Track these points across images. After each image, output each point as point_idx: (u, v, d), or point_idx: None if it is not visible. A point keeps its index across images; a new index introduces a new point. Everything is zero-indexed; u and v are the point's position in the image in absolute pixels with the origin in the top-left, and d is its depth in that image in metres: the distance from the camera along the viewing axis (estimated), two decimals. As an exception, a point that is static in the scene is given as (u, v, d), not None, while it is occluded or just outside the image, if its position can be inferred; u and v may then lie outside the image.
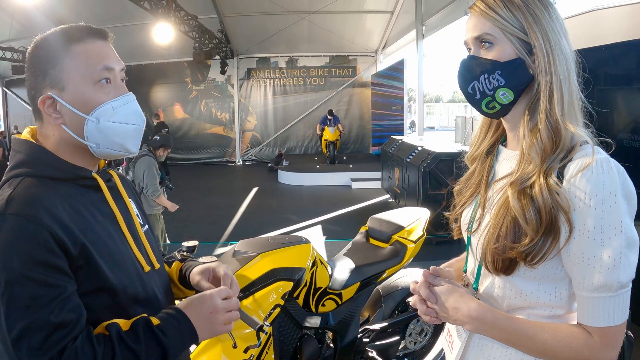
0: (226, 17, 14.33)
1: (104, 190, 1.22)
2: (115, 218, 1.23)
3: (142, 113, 1.26)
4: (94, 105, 1.14)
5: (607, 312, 0.99)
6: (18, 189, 1.07)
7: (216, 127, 17.41)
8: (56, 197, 1.09)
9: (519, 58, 1.09)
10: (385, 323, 3.07)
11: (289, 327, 2.52)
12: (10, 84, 17.40)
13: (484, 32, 1.10)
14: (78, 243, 1.07)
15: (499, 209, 1.12)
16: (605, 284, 0.98)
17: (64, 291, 1.03)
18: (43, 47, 1.15)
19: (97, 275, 1.11)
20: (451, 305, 1.13)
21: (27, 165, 1.13)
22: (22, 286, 0.99)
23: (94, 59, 1.15)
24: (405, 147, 8.16)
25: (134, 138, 1.22)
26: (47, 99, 1.13)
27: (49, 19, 12.55)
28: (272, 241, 2.63)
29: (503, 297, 1.15)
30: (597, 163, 0.98)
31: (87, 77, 1.14)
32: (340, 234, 7.22)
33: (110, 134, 1.17)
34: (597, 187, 0.97)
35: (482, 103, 1.14)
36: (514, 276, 1.10)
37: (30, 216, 1.02)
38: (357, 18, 14.71)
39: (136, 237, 1.28)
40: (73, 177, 1.16)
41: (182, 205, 5.58)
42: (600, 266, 0.98)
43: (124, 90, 1.21)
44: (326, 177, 12.46)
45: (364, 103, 17.17)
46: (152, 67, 16.41)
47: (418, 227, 3.21)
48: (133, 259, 1.23)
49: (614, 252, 0.96)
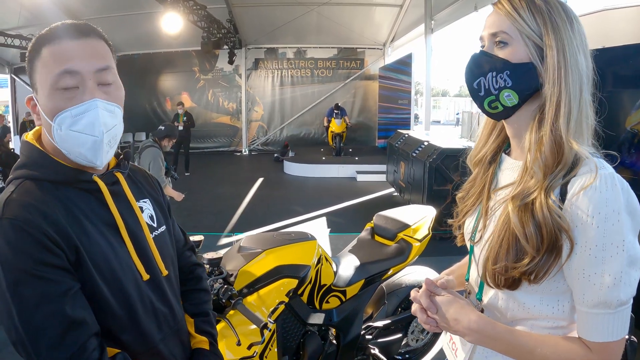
0: (235, 7, 14.26)
1: (105, 195, 1.18)
2: (116, 224, 1.19)
3: (107, 123, 1.12)
4: (55, 112, 1.08)
5: (606, 328, 0.99)
6: (16, 193, 1.07)
7: (223, 116, 17.39)
8: (53, 201, 1.08)
9: (531, 63, 1.07)
10: (388, 320, 3.07)
11: (293, 324, 2.53)
12: (19, 71, 17.39)
13: (501, 29, 1.08)
14: (72, 247, 1.06)
15: (499, 227, 1.11)
16: (605, 301, 0.97)
17: (72, 287, 1.03)
18: (30, 46, 1.14)
19: (89, 281, 1.09)
20: (451, 316, 1.14)
21: (27, 168, 1.13)
22: (29, 285, 0.99)
23: (54, 63, 1.08)
24: (411, 142, 8.15)
25: (95, 150, 1.11)
26: (30, 99, 1.14)
27: (57, 7, 12.54)
28: (278, 237, 2.63)
29: (506, 308, 1.15)
30: (600, 180, 0.97)
31: (47, 81, 1.08)
32: (344, 226, 7.22)
33: (72, 143, 1.10)
34: (600, 205, 0.96)
35: (485, 101, 1.13)
36: (517, 291, 1.10)
37: (25, 220, 1.02)
38: (366, 11, 14.61)
39: (138, 243, 1.23)
40: (72, 181, 1.14)
41: (187, 195, 5.59)
42: (600, 284, 0.97)
43: (89, 96, 1.09)
44: (332, 169, 12.44)
45: (370, 96, 17.09)
46: (160, 56, 16.37)
47: (424, 225, 3.21)
48: (131, 267, 1.19)
49: (615, 270, 0.96)
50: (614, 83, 3.79)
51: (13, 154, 7.22)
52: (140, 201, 1.32)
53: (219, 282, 2.12)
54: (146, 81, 16.51)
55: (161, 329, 1.26)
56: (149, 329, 1.22)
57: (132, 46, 15.12)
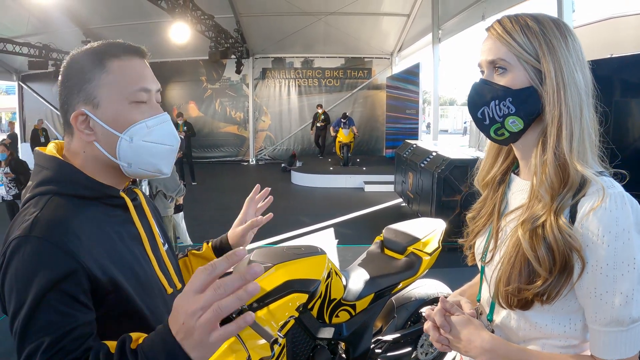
0: (242, 17, 14.36)
1: (130, 210, 1.19)
2: (141, 238, 1.20)
3: (177, 134, 1.22)
4: (128, 124, 1.11)
5: (619, 346, 0.99)
6: (45, 210, 1.03)
7: (230, 126, 17.46)
8: (84, 219, 1.06)
9: (532, 86, 1.07)
10: (397, 334, 3.07)
11: (302, 338, 2.52)
12: (27, 79, 17.57)
13: (499, 57, 1.08)
14: (106, 268, 1.04)
15: (509, 249, 1.11)
16: (617, 319, 0.98)
17: (76, 321, 0.98)
18: (79, 62, 1.11)
19: (126, 300, 1.08)
20: (465, 337, 1.14)
21: (55, 184, 1.09)
22: (40, 311, 0.95)
23: (131, 78, 1.12)
24: (419, 152, 8.13)
25: (167, 159, 1.19)
26: (80, 114, 1.10)
27: (66, 15, 12.66)
28: (288, 251, 2.62)
29: (518, 328, 1.16)
30: (610, 199, 0.97)
31: (123, 95, 1.11)
32: (352, 238, 7.19)
33: (143, 153, 1.14)
34: (610, 224, 0.96)
35: (491, 129, 1.13)
36: (529, 311, 1.10)
37: (56, 242, 0.98)
38: (374, 20, 14.66)
39: (159, 258, 1.25)
40: (101, 196, 1.13)
41: (194, 205, 5.59)
42: (612, 302, 0.98)
43: (158, 110, 1.17)
44: (339, 179, 12.44)
45: (378, 105, 17.11)
46: (168, 65, 16.47)
47: (434, 239, 3.20)
48: (157, 282, 1.20)
49: (626, 288, 0.96)
50: (622, 92, 3.77)
51: (22, 161, 7.26)
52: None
53: (229, 297, 2.11)
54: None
55: None
56: None
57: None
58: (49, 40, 13.99)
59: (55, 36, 13.95)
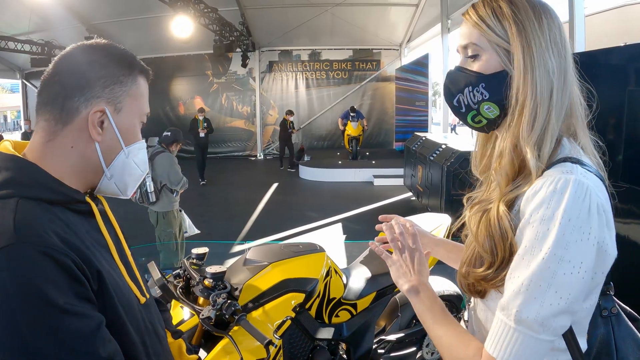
0: (247, 9, 14.29)
1: (97, 217, 1.09)
2: (108, 247, 1.10)
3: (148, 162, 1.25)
4: (133, 140, 1.13)
5: (499, 339, 0.93)
6: (20, 214, 0.91)
7: (237, 120, 17.42)
8: (60, 222, 0.96)
9: (504, 70, 1.03)
10: (401, 334, 2.99)
11: (300, 339, 2.43)
12: (30, 77, 17.65)
13: (471, 41, 1.05)
14: (94, 270, 0.96)
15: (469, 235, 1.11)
16: (506, 305, 0.93)
17: (102, 321, 0.93)
18: (117, 56, 1.09)
19: (111, 307, 0.99)
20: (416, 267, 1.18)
21: (17, 186, 0.95)
22: (61, 322, 0.85)
23: (145, 99, 1.15)
24: (429, 145, 8.03)
25: (135, 182, 1.19)
26: (100, 111, 1.04)
27: (68, 11, 12.67)
28: (285, 249, 2.55)
29: (485, 320, 1.10)
30: (553, 182, 0.91)
31: (138, 112, 1.13)
32: (361, 233, 7.10)
33: (126, 171, 1.14)
34: (541, 204, 0.90)
35: (468, 117, 1.10)
36: (488, 300, 1.07)
37: (47, 245, 0.88)
38: (381, 11, 14.53)
39: (128, 266, 1.15)
40: (67, 201, 1.02)
41: (200, 200, 5.53)
42: (510, 285, 0.93)
43: (140, 137, 1.18)
44: (348, 173, 12.36)
45: (387, 98, 17.00)
46: (172, 60, 16.46)
47: (439, 234, 3.07)
48: (130, 291, 1.11)
49: (525, 276, 0.90)
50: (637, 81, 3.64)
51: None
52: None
53: (223, 297, 2.03)
54: (158, 86, 16.46)
55: (165, 354, 1.22)
56: (157, 354, 1.16)
57: (143, 50, 15.03)
58: (52, 37, 14.05)
59: (57, 33, 14.00)
